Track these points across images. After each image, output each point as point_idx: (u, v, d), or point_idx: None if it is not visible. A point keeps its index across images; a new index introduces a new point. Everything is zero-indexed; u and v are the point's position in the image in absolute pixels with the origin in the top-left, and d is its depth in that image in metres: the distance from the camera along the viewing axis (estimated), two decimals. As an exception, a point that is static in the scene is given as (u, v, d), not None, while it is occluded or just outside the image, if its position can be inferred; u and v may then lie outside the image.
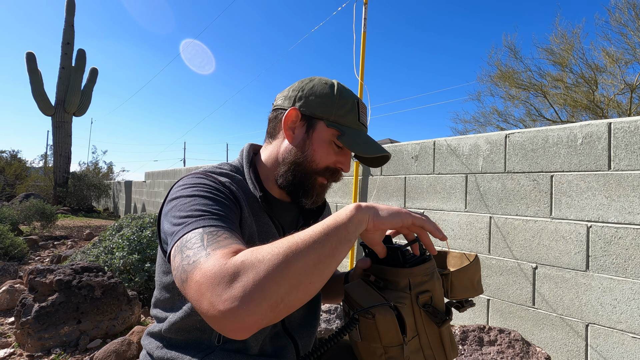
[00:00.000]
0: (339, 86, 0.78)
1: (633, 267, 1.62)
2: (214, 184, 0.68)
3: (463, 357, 1.71)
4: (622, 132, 1.69)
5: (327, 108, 0.75)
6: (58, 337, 2.05)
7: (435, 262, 0.69)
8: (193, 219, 0.58)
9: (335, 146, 0.76)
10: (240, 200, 0.70)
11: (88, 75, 11.43)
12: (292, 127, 0.76)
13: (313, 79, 0.79)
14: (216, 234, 0.55)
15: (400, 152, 2.77)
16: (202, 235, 0.55)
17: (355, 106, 0.77)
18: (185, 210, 0.61)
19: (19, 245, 4.25)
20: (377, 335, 0.63)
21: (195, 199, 0.63)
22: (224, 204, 0.65)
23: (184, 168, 7.24)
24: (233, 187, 0.71)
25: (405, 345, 0.63)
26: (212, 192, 0.66)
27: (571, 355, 1.80)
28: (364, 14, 3.05)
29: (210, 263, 0.48)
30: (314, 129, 0.75)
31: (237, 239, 0.56)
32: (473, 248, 2.25)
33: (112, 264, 2.76)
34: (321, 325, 2.08)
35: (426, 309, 0.65)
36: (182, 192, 0.66)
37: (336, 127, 0.74)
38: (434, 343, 0.67)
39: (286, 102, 0.78)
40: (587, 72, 9.54)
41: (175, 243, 0.56)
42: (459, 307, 0.74)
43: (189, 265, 0.51)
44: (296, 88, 0.78)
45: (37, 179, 14.77)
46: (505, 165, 2.11)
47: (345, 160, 0.79)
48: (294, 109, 0.75)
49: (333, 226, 0.54)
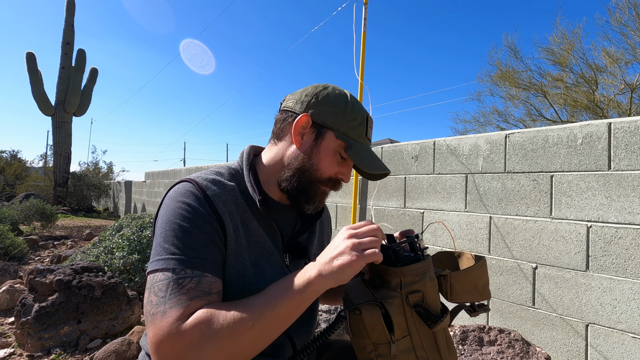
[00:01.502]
0: (352, 99, 0.78)
1: (633, 267, 1.61)
2: (197, 207, 0.67)
3: (463, 357, 1.71)
4: (622, 132, 1.69)
5: (338, 119, 0.75)
6: (58, 337, 2.05)
7: (431, 263, 0.68)
8: (167, 256, 0.63)
9: (340, 157, 0.77)
10: (224, 217, 0.69)
11: (88, 75, 11.43)
12: (301, 133, 0.76)
13: (327, 87, 0.79)
14: (182, 283, 0.61)
15: (400, 152, 2.77)
16: (168, 282, 0.61)
17: (365, 121, 0.78)
18: (165, 240, 0.65)
19: (19, 245, 4.25)
20: (365, 331, 0.64)
21: (175, 230, 0.65)
22: (203, 236, 0.66)
23: (184, 168, 7.24)
24: (219, 202, 0.70)
25: (392, 343, 0.63)
26: (193, 220, 0.66)
27: (571, 355, 1.80)
28: (364, 14, 3.05)
29: (162, 325, 0.57)
30: (323, 137, 0.76)
31: (201, 288, 0.62)
32: (473, 248, 2.25)
33: (112, 264, 2.76)
34: (321, 325, 2.08)
35: (417, 310, 0.64)
36: (168, 211, 0.68)
37: (345, 140, 0.75)
38: (428, 345, 0.66)
39: (297, 106, 0.78)
40: (588, 72, 9.54)
41: (149, 274, 0.64)
42: (471, 311, 0.72)
43: (149, 315, 0.59)
44: (310, 93, 0.77)
45: (37, 179, 14.77)
46: (505, 165, 2.11)
47: (347, 171, 0.80)
48: (306, 115, 0.75)
49: (286, 298, 0.60)
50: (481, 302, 0.73)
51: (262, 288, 0.65)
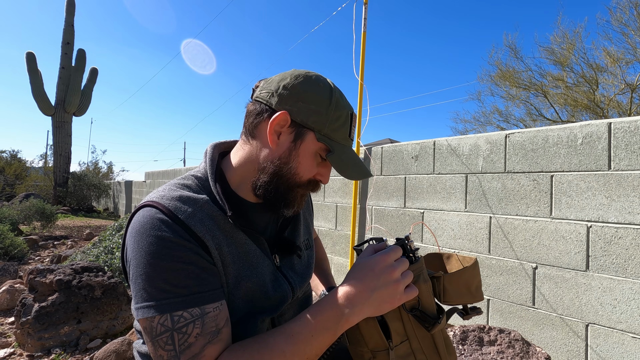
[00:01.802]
0: (336, 93, 0.70)
1: (633, 267, 1.61)
2: (172, 239, 0.59)
3: (463, 357, 1.71)
4: (622, 132, 1.69)
5: (320, 119, 0.67)
6: (58, 337, 2.05)
7: (424, 263, 0.66)
8: (157, 301, 0.56)
9: (320, 158, 0.71)
10: (205, 239, 0.62)
11: (88, 75, 11.45)
12: (278, 132, 0.68)
13: (309, 77, 0.69)
14: (186, 331, 0.55)
15: (400, 152, 2.77)
16: (171, 334, 0.55)
17: (349, 119, 0.71)
18: (149, 283, 0.57)
19: (19, 245, 4.26)
20: (362, 339, 0.63)
21: (156, 270, 0.57)
22: (188, 268, 0.59)
23: (183, 168, 7.25)
24: (196, 223, 0.62)
25: (390, 350, 0.61)
26: (172, 254, 0.58)
27: (571, 355, 1.80)
28: (364, 14, 3.05)
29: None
30: (302, 139, 0.68)
31: (209, 331, 0.57)
32: (473, 248, 2.25)
33: (112, 263, 2.77)
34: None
35: (414, 314, 0.63)
36: (140, 250, 0.58)
37: (326, 143, 0.68)
38: (427, 348, 0.65)
39: (274, 99, 0.68)
40: (588, 71, 9.53)
41: (141, 321, 0.57)
42: (463, 314, 0.71)
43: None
44: (287, 85, 0.68)
45: (37, 179, 14.78)
46: (506, 165, 2.11)
47: (326, 172, 0.74)
48: (285, 113, 0.66)
49: (319, 334, 0.57)
50: (473, 305, 0.71)
51: (256, 304, 0.65)
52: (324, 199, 3.43)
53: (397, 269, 0.59)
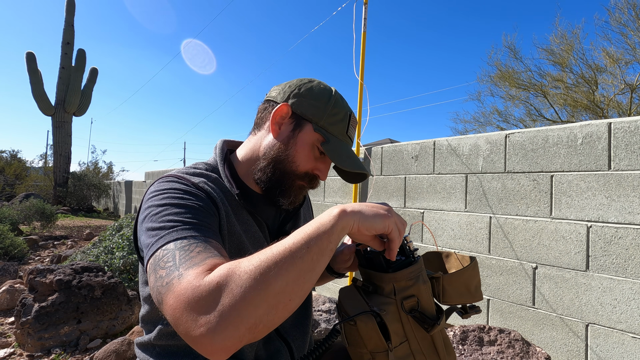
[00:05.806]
0: (336, 95, 0.77)
1: (633, 267, 1.62)
2: (185, 187, 0.65)
3: (463, 357, 1.71)
4: (622, 132, 1.69)
5: (318, 112, 0.73)
6: (58, 337, 2.05)
7: (423, 264, 0.66)
8: (165, 231, 0.56)
9: (318, 151, 0.75)
10: (216, 200, 0.68)
11: (88, 75, 11.45)
12: (279, 122, 0.74)
13: (313, 81, 0.77)
14: (189, 248, 0.53)
15: (400, 152, 2.77)
16: (174, 251, 0.52)
17: (347, 118, 0.76)
18: (157, 222, 0.58)
19: (19, 245, 4.25)
20: (362, 341, 0.62)
21: (166, 208, 0.60)
22: (197, 209, 0.62)
23: (184, 168, 7.25)
24: (208, 187, 0.69)
25: (390, 351, 0.61)
26: (184, 197, 0.63)
27: (571, 355, 1.80)
28: (364, 14, 3.05)
29: (183, 285, 0.46)
30: (301, 129, 0.74)
31: (211, 250, 0.54)
32: (473, 248, 2.25)
33: (112, 264, 2.77)
34: (321, 325, 2.08)
35: (413, 315, 0.63)
36: (153, 200, 0.63)
37: (322, 134, 0.73)
38: (426, 348, 0.65)
39: (280, 96, 0.76)
40: (587, 72, 9.55)
41: (149, 260, 0.55)
42: (462, 313, 0.71)
43: (163, 287, 0.49)
44: (293, 85, 0.76)
45: (37, 179, 14.78)
46: (505, 165, 2.11)
47: (324, 168, 0.77)
48: (286, 104, 0.74)
49: (315, 235, 0.51)
50: (472, 304, 0.71)
51: None
52: (324, 199, 3.43)
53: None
